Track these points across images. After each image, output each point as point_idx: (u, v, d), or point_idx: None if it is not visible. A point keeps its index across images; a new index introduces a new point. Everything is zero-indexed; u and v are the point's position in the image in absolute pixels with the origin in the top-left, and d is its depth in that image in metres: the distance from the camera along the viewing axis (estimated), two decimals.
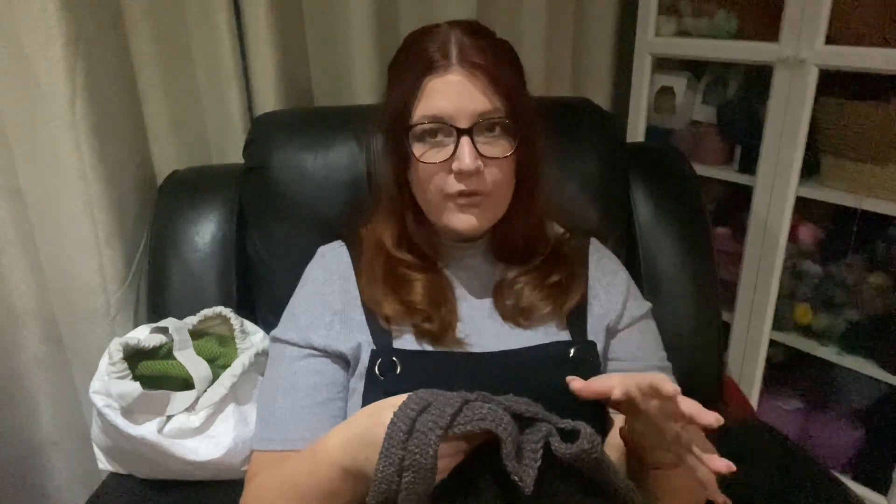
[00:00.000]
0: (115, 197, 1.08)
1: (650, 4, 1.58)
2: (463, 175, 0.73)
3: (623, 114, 1.71)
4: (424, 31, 0.77)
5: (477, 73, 0.71)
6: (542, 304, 0.82)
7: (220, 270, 1.08)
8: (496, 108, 0.72)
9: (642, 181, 1.17)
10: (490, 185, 0.75)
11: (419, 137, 0.75)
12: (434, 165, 0.74)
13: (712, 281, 1.14)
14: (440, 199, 0.77)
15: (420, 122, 0.73)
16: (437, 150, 0.74)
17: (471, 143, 0.72)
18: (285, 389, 0.80)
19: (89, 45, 1.01)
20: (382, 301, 0.81)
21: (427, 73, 0.72)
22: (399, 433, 0.56)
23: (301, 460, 0.70)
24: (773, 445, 1.06)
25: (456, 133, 0.72)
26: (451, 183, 0.75)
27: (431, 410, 0.57)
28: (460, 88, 0.72)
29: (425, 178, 0.76)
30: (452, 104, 0.72)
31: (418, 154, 0.75)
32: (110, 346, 0.89)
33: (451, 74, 0.72)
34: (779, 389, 1.63)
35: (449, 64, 0.72)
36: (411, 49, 0.76)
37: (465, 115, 0.72)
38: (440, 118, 0.72)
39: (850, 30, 1.30)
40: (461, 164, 0.72)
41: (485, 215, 0.77)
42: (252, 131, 1.13)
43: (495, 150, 0.74)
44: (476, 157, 0.72)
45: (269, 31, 1.19)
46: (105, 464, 0.97)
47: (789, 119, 1.38)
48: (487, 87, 0.72)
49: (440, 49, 0.72)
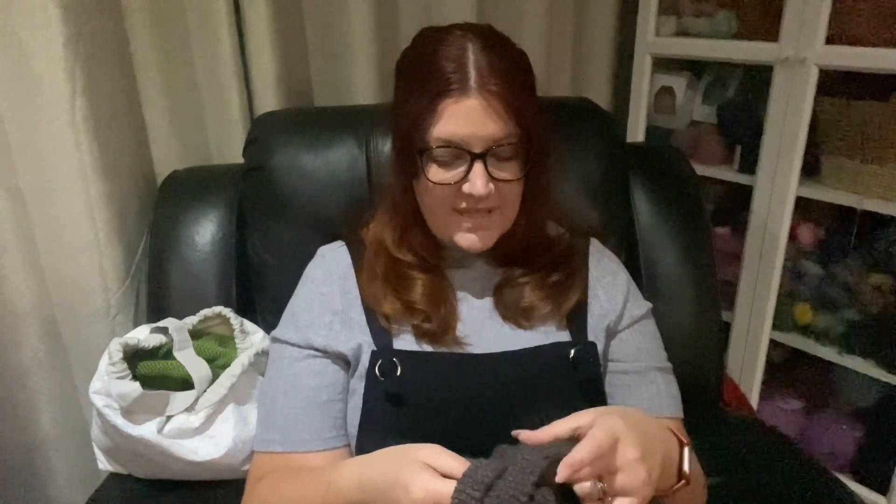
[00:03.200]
0: (115, 197, 1.08)
1: (650, 4, 1.58)
2: (473, 199, 0.73)
3: (623, 114, 1.71)
4: (439, 37, 0.74)
5: (494, 98, 0.70)
6: (543, 304, 0.82)
7: (220, 270, 1.08)
8: (510, 133, 0.72)
9: (642, 181, 1.17)
10: (497, 203, 0.76)
11: (433, 158, 0.74)
12: (445, 186, 0.74)
13: (712, 281, 1.14)
14: (447, 216, 0.77)
15: (434, 145, 0.72)
16: (448, 171, 0.74)
17: (483, 169, 0.72)
18: (285, 390, 0.80)
19: (89, 45, 1.01)
20: (382, 300, 0.81)
21: (444, 95, 0.71)
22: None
23: (313, 485, 0.71)
24: (773, 445, 1.06)
25: (469, 157, 0.72)
26: (458, 200, 0.75)
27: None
28: (476, 114, 0.71)
29: (434, 196, 0.76)
30: (468, 129, 0.71)
31: (430, 174, 0.74)
32: (110, 346, 0.89)
33: (468, 99, 0.70)
34: (779, 389, 1.63)
35: (467, 87, 0.70)
36: (426, 60, 0.74)
37: (479, 141, 0.71)
38: (455, 143, 0.72)
39: (850, 30, 1.30)
40: (473, 188, 0.72)
41: (490, 234, 0.78)
42: (252, 131, 1.12)
43: (507, 174, 0.74)
44: (488, 181, 0.72)
45: (269, 31, 1.19)
46: (105, 464, 0.97)
47: (789, 119, 1.38)
48: (503, 113, 0.71)
49: (457, 70, 0.71)
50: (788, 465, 1.01)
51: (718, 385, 1.16)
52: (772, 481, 0.97)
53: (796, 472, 0.99)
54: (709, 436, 0.83)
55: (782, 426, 1.22)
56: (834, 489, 0.95)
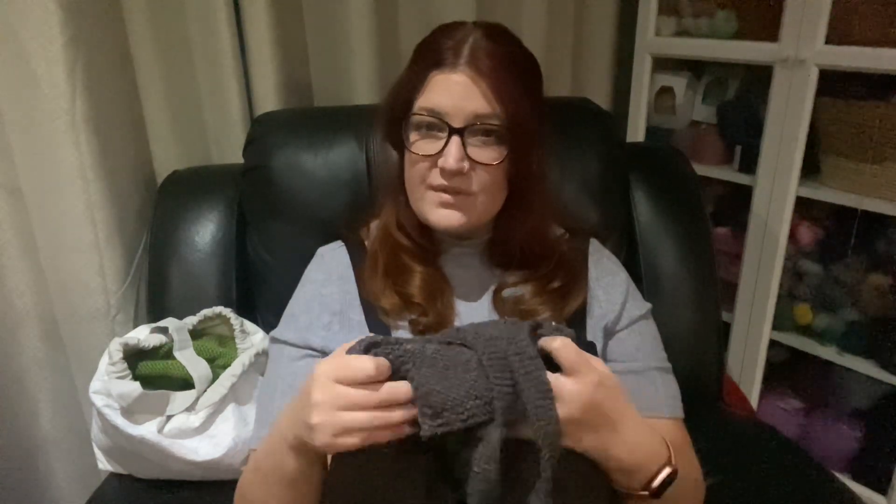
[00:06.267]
0: (115, 197, 1.08)
1: (650, 4, 1.58)
2: (446, 173, 0.74)
3: (623, 114, 1.70)
4: (450, 25, 0.78)
5: (482, 77, 0.72)
6: (542, 308, 0.82)
7: (220, 270, 1.08)
8: (494, 113, 0.73)
9: (642, 181, 1.17)
10: (474, 187, 0.76)
11: (415, 127, 0.76)
12: (423, 157, 0.75)
13: (712, 281, 1.14)
14: (421, 190, 0.78)
15: (417, 113, 0.75)
16: (429, 143, 0.75)
17: (460, 144, 0.73)
18: (284, 390, 0.80)
19: (89, 45, 1.01)
20: (381, 295, 0.81)
21: (435, 67, 0.74)
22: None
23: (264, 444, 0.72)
24: (773, 445, 1.06)
25: (448, 130, 0.73)
26: (434, 175, 0.76)
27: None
28: (461, 88, 0.72)
29: (412, 166, 0.78)
30: (451, 101, 0.73)
31: (411, 143, 0.76)
32: (110, 346, 0.89)
33: (456, 74, 0.73)
34: (779, 389, 1.63)
35: (457, 63, 0.73)
36: (430, 41, 0.77)
37: (460, 115, 0.73)
38: (436, 113, 0.73)
39: (850, 30, 1.30)
40: (446, 162, 0.73)
41: (461, 215, 0.77)
42: (252, 131, 1.12)
43: (484, 156, 0.74)
44: (462, 158, 0.73)
45: (269, 31, 1.19)
46: (105, 464, 0.97)
47: (789, 119, 1.38)
48: (489, 92, 0.72)
49: (454, 47, 0.73)
50: (788, 465, 1.01)
51: (718, 385, 1.16)
52: (772, 481, 0.97)
53: (796, 472, 0.99)
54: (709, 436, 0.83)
55: (782, 426, 1.21)
56: (834, 489, 0.95)
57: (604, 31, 1.66)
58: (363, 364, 0.57)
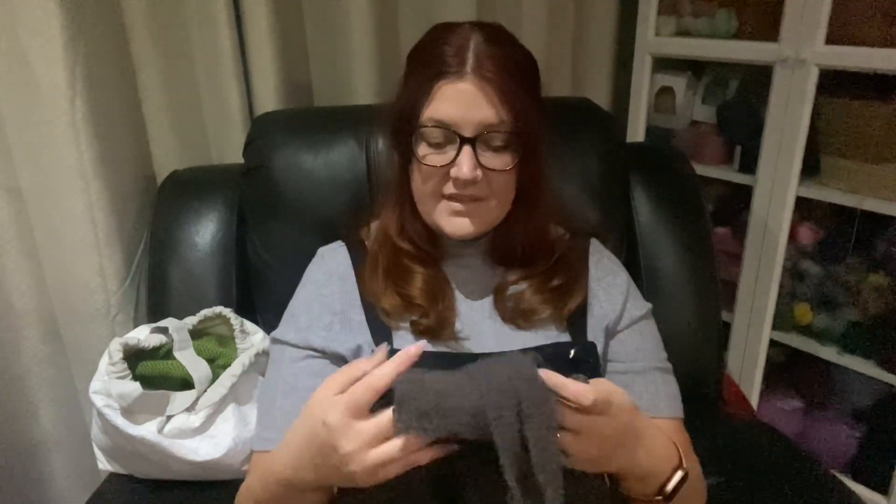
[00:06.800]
0: (115, 197, 1.08)
1: (650, 4, 1.58)
2: (459, 182, 0.74)
3: (623, 114, 1.70)
4: (447, 27, 0.77)
5: (488, 84, 0.72)
6: (543, 307, 0.82)
7: (220, 270, 1.08)
8: (502, 120, 0.73)
9: (642, 181, 1.17)
10: (486, 193, 0.76)
11: (424, 138, 0.75)
12: (435, 168, 0.75)
13: (712, 281, 1.14)
14: (435, 199, 0.78)
15: (426, 125, 0.74)
16: (439, 154, 0.75)
17: (472, 153, 0.73)
18: (285, 391, 0.80)
19: (89, 45, 1.01)
20: (381, 295, 0.81)
21: (440, 76, 0.73)
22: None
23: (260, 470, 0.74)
24: (773, 445, 1.06)
25: (459, 141, 0.73)
26: (447, 186, 0.76)
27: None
28: (469, 98, 0.72)
29: (424, 178, 0.77)
30: (459, 112, 0.72)
31: (421, 154, 0.75)
32: (110, 346, 0.89)
33: (462, 83, 0.72)
34: (779, 389, 1.63)
35: (463, 72, 0.72)
36: (430, 46, 0.76)
37: (470, 125, 0.72)
38: (446, 124, 0.73)
39: (850, 30, 1.30)
40: (459, 172, 0.73)
41: (476, 222, 0.78)
42: (252, 131, 1.12)
43: (496, 163, 0.74)
44: (475, 166, 0.73)
45: (269, 31, 1.19)
46: (105, 464, 0.97)
47: (789, 119, 1.38)
48: (496, 99, 0.72)
49: (457, 54, 0.72)
50: (788, 465, 1.01)
51: (718, 385, 1.16)
52: (772, 481, 0.97)
53: (796, 472, 0.99)
54: (709, 436, 0.83)
55: (782, 426, 1.21)
56: (834, 489, 0.95)
57: (604, 31, 1.66)
58: (366, 389, 0.58)
